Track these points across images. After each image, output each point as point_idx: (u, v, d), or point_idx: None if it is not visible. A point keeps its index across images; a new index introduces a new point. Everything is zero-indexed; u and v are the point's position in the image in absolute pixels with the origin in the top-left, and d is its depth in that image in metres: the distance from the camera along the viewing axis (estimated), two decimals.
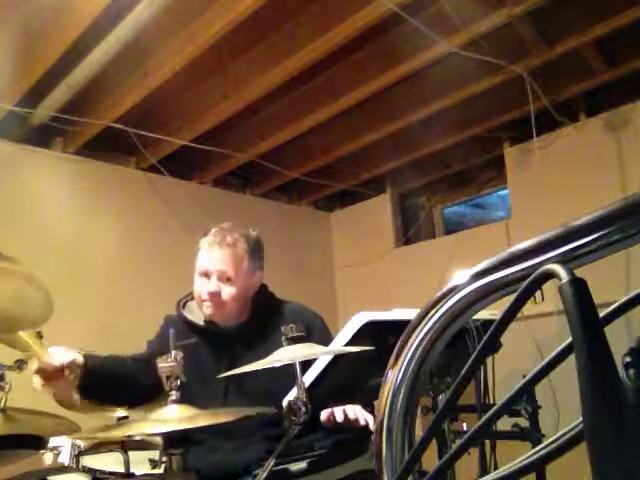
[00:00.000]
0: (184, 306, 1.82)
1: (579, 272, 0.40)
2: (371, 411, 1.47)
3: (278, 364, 1.17)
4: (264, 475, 1.15)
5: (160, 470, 1.26)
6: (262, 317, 1.74)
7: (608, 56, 2.97)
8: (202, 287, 1.70)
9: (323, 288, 4.41)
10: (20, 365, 1.64)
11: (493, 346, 0.46)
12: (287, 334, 1.18)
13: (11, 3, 2.30)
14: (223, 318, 1.73)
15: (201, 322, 1.77)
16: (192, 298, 1.84)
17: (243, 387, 1.65)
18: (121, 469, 1.56)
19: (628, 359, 0.39)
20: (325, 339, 1.48)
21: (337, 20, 2.45)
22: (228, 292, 1.68)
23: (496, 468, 1.68)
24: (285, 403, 1.16)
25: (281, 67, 2.73)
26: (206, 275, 1.70)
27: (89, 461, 1.62)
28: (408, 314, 1.26)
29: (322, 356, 1.29)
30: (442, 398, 1.38)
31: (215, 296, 1.68)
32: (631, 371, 0.39)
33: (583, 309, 0.37)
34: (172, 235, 3.53)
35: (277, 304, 1.81)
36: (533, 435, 1.76)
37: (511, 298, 0.45)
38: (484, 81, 3.03)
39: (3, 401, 1.53)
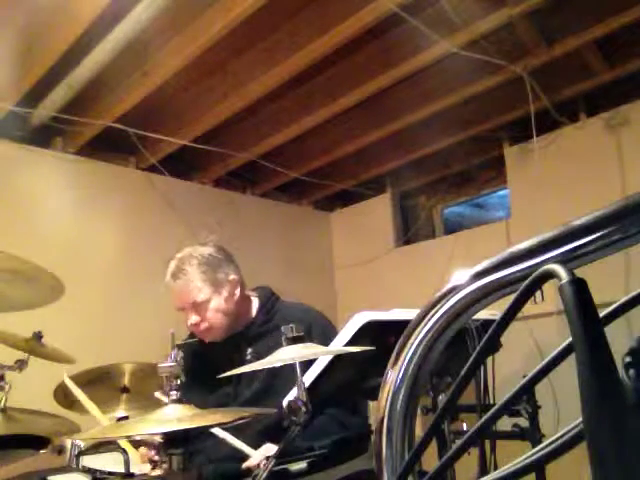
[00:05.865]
0: None
1: (579, 272, 0.40)
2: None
3: (278, 364, 1.17)
4: (264, 475, 1.15)
5: (160, 470, 1.25)
6: (265, 318, 1.75)
7: (608, 56, 2.97)
8: (187, 320, 1.70)
9: (323, 288, 4.41)
10: (20, 365, 1.64)
11: (493, 346, 0.46)
12: (287, 334, 1.18)
13: (11, 3, 2.30)
14: (220, 335, 1.72)
15: None
16: None
17: (251, 386, 1.67)
18: (121, 469, 1.56)
19: (628, 359, 0.39)
20: (324, 340, 1.48)
21: (337, 20, 2.45)
22: (208, 316, 1.67)
23: (496, 468, 1.68)
24: (285, 403, 1.16)
25: (281, 67, 2.73)
26: (181, 310, 1.70)
27: (89, 461, 1.62)
28: (408, 314, 1.26)
29: (322, 356, 1.29)
30: (442, 398, 1.38)
31: (197, 326, 1.68)
32: (631, 371, 0.39)
33: (583, 309, 0.37)
34: (172, 235, 3.52)
35: (280, 305, 1.82)
36: (533, 435, 1.75)
37: (511, 298, 0.45)
38: (484, 81, 3.03)
39: (3, 401, 1.53)
